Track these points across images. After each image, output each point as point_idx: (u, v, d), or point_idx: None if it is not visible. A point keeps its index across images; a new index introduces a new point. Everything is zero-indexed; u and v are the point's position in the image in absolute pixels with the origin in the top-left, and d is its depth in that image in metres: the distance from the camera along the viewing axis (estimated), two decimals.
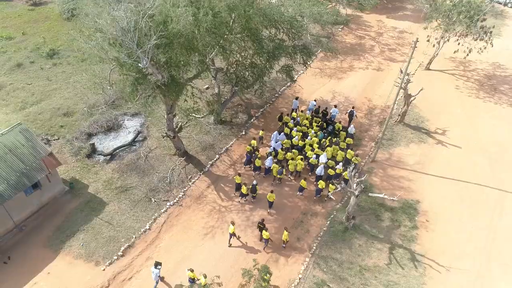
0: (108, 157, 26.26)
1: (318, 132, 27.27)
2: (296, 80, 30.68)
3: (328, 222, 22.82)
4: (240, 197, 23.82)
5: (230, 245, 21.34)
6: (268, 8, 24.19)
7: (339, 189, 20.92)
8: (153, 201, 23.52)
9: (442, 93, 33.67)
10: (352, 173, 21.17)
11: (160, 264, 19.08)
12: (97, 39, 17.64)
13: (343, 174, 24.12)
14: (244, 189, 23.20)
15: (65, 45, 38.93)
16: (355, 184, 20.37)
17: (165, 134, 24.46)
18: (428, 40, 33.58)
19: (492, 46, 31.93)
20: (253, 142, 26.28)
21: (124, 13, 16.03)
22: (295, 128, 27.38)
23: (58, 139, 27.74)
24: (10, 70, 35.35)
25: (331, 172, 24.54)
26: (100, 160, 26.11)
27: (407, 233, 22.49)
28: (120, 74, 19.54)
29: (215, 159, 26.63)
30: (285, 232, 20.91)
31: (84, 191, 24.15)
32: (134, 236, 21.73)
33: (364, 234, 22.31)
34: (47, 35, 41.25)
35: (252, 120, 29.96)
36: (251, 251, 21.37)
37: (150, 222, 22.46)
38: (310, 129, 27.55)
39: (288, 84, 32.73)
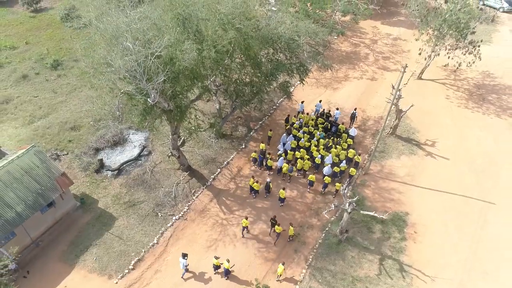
0: (116, 172, 27.76)
1: (321, 133, 29.77)
2: (293, 95, 31.98)
3: (323, 235, 24.55)
4: (253, 194, 26.38)
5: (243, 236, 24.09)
6: (266, 31, 25.41)
7: (332, 207, 22.58)
8: (160, 215, 25.13)
9: (433, 103, 35.17)
10: (345, 191, 22.79)
11: (186, 255, 21.47)
12: (108, 75, 18.88)
13: (350, 171, 27.29)
14: (256, 186, 25.70)
15: (68, 55, 40.07)
16: (347, 204, 21.98)
17: (170, 154, 25.92)
18: (419, 54, 34.97)
19: (480, 59, 33.34)
20: (262, 145, 28.44)
21: (135, 57, 17.34)
22: (301, 131, 29.80)
23: (67, 154, 29.17)
24: (16, 82, 36.49)
25: (336, 169, 27.18)
26: (108, 175, 27.62)
27: (396, 244, 24.26)
28: (129, 104, 20.90)
29: (217, 173, 28.20)
30: (291, 228, 23.46)
31: (94, 206, 25.73)
32: (143, 250, 23.38)
33: (357, 246, 24.06)
34: (49, 44, 42.26)
35: (251, 133, 31.43)
36: (252, 264, 23.08)
37: (157, 236, 24.11)
38: (316, 130, 29.99)
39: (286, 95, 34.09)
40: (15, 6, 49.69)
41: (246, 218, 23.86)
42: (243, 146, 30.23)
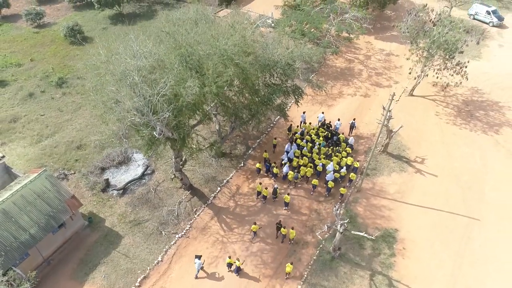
0: (121, 191, 29.25)
1: (322, 141, 32.23)
2: (289, 116, 33.50)
3: (318, 252, 26.12)
4: (262, 199, 28.65)
5: (251, 240, 26.37)
6: (263, 59, 26.94)
7: (325, 228, 24.16)
8: (164, 234, 26.65)
9: (423, 120, 36.78)
10: (338, 211, 24.37)
11: (200, 256, 23.83)
12: (118, 111, 20.32)
13: (350, 176, 30.02)
14: (265, 192, 28.06)
15: (72, 73, 41.49)
16: (339, 225, 23.57)
17: (173, 176, 27.44)
18: (410, 73, 36.59)
19: (467, 79, 34.98)
20: (265, 154, 31.00)
21: (142, 97, 18.84)
22: (305, 140, 32.17)
23: (74, 173, 30.65)
24: (23, 100, 37.93)
25: (337, 175, 29.49)
26: (114, 194, 29.12)
27: (386, 260, 25.85)
28: (136, 135, 22.40)
29: (217, 191, 29.73)
30: (292, 231, 25.63)
31: (101, 224, 27.23)
32: (148, 268, 24.91)
33: (349, 262, 25.66)
34: (54, 60, 43.70)
35: (250, 151, 32.97)
36: (252, 281, 24.64)
37: (162, 254, 25.63)
38: (318, 139, 32.32)
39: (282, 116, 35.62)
40: (18, 21, 51.16)
41: (255, 223, 26.04)
42: (242, 164, 31.76)
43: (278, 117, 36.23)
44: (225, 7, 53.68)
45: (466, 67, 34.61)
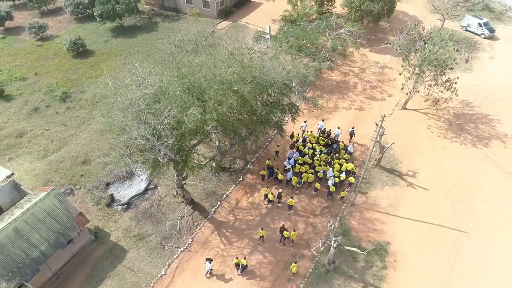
0: (125, 205, 30.52)
1: (322, 148, 34.40)
2: (285, 132, 34.77)
3: (313, 265, 27.47)
4: (268, 203, 30.70)
5: (258, 243, 28.40)
6: (261, 80, 28.26)
7: (320, 244, 25.50)
8: (167, 248, 27.94)
9: (415, 133, 38.16)
10: (332, 226, 25.72)
11: (211, 260, 25.87)
12: (124, 138, 21.58)
13: (349, 179, 32.27)
14: (271, 197, 30.17)
15: (76, 87, 42.71)
16: (333, 240, 24.92)
17: (176, 193, 28.74)
18: (402, 88, 38.00)
19: (457, 95, 36.39)
20: (268, 162, 32.90)
21: (148, 125, 20.14)
22: (307, 147, 34.28)
23: (80, 188, 31.89)
24: (28, 115, 39.14)
25: (336, 180, 31.54)
26: (118, 209, 30.38)
27: (378, 272, 27.22)
28: (141, 159, 23.72)
29: (217, 205, 31.03)
30: (294, 233, 27.77)
31: (107, 239, 28.50)
32: (152, 281, 26.20)
33: (343, 274, 27.01)
34: (57, 74, 44.88)
35: (248, 166, 34.30)
36: None
37: (165, 268, 26.93)
38: (319, 146, 34.49)
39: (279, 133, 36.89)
40: (21, 34, 52.29)
41: (262, 229, 27.88)
42: (241, 179, 33.07)
43: (276, 131, 37.49)
44: (224, 20, 54.95)
45: (455, 83, 35.98)
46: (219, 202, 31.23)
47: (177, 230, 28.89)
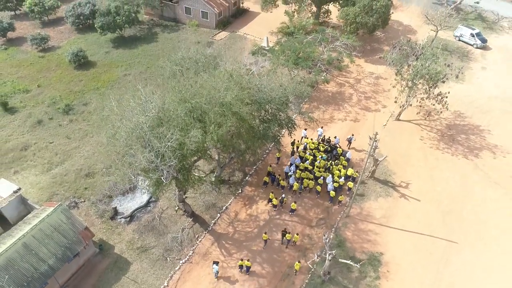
0: (128, 218, 31.64)
1: (323, 155, 36.20)
2: (282, 145, 35.95)
3: (309, 275, 28.68)
4: (273, 207, 32.38)
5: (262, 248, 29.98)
6: (259, 98, 29.43)
7: (315, 258, 26.72)
8: (169, 260, 29.09)
9: (408, 144, 39.40)
10: (327, 240, 26.92)
11: (218, 262, 27.52)
12: (128, 160, 22.72)
13: (348, 184, 34.37)
14: (275, 201, 31.86)
15: (78, 99, 43.76)
16: (328, 254, 26.13)
17: (177, 208, 29.89)
18: (395, 101, 39.26)
19: (448, 109, 37.69)
20: (270, 168, 34.68)
21: (152, 150, 21.29)
22: (308, 152, 36.32)
23: (84, 201, 32.98)
24: (32, 128, 40.17)
25: (336, 184, 33.44)
26: (122, 222, 31.49)
27: (371, 283, 28.45)
28: (146, 177, 24.87)
29: (217, 217, 32.19)
30: (296, 236, 29.58)
31: (111, 251, 29.62)
32: None
33: (338, 284, 28.23)
34: (60, 86, 45.91)
35: (247, 178, 35.47)
36: None
37: (167, 279, 28.08)
38: (319, 152, 36.29)
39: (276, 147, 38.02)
40: (24, 45, 53.27)
41: (265, 233, 29.55)
42: (240, 191, 34.24)
43: (273, 143, 38.66)
44: (222, 30, 56.07)
45: (446, 97, 37.24)
46: (218, 214, 32.39)
47: (178, 242, 30.02)
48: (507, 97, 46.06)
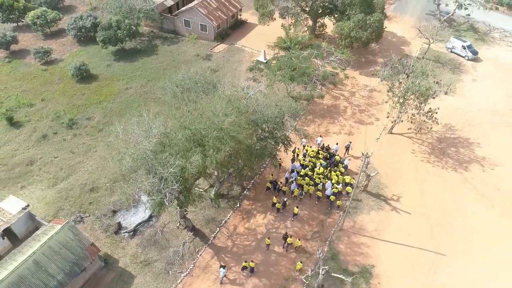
0: (132, 232, 33.11)
1: (322, 162, 38.34)
2: (280, 159, 37.43)
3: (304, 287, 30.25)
4: (276, 212, 34.76)
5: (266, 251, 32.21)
6: (257, 118, 30.94)
7: (309, 273, 28.25)
8: (171, 273, 30.58)
9: (400, 158, 40.94)
10: (320, 255, 28.47)
11: (225, 266, 29.44)
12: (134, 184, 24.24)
13: (346, 189, 36.80)
14: (278, 205, 34.25)
15: (81, 113, 45.15)
16: (321, 269, 27.68)
17: (179, 224, 31.39)
18: (387, 117, 40.83)
19: (438, 124, 39.24)
20: (271, 177, 36.73)
21: (158, 181, 22.85)
22: (307, 159, 38.46)
23: (89, 216, 34.43)
24: (37, 142, 41.55)
25: (335, 190, 35.59)
26: (125, 236, 32.96)
27: None
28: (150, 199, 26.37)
29: (216, 231, 33.69)
30: (298, 241, 31.58)
31: (115, 265, 31.09)
32: None
33: None
34: (63, 100, 47.24)
35: (245, 192, 36.97)
36: None
37: None
38: (318, 160, 38.47)
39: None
40: (27, 58, 54.59)
41: (268, 238, 31.84)
42: (238, 205, 35.75)
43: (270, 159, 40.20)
44: (221, 42, 57.48)
45: (436, 113, 38.80)
46: (218, 228, 33.89)
47: (180, 256, 31.52)
48: (497, 109, 47.66)
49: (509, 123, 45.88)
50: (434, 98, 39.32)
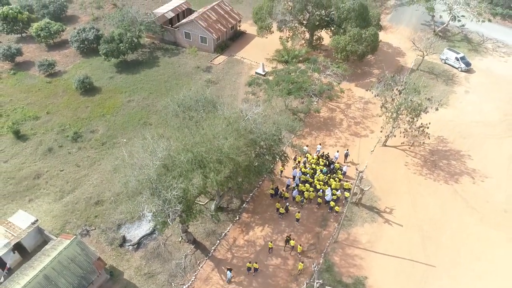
0: (136, 245, 34.65)
1: (323, 168, 40.63)
2: (276, 175, 38.92)
3: None
4: (279, 215, 37.04)
5: (270, 252, 34.30)
6: (255, 136, 32.46)
7: (305, 285, 29.82)
8: (173, 285, 32.14)
9: (393, 171, 42.48)
10: (316, 268, 30.06)
11: (231, 269, 31.51)
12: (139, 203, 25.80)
13: (345, 194, 39.08)
14: (282, 210, 36.56)
15: (86, 126, 46.61)
16: (316, 282, 29.27)
17: (181, 238, 32.96)
18: (381, 131, 42.38)
19: (429, 138, 40.79)
20: (272, 186, 38.55)
21: (162, 202, 24.39)
22: (308, 167, 40.42)
23: (95, 229, 35.96)
24: (43, 155, 43.01)
25: (334, 197, 37.87)
26: (130, 249, 34.50)
27: None
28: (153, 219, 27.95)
29: (216, 244, 35.24)
30: (300, 247, 33.54)
31: (121, 277, 32.64)
32: None
33: None
34: (67, 113, 48.68)
35: (244, 205, 38.53)
36: None
37: None
38: (318, 166, 40.63)
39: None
40: (31, 69, 55.99)
41: (271, 242, 34.04)
42: (237, 218, 37.30)
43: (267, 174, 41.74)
44: (220, 54, 58.94)
45: (427, 127, 40.35)
46: (218, 241, 35.44)
47: (182, 268, 33.07)
48: (488, 121, 49.18)
49: (500, 135, 47.41)
50: (426, 113, 40.83)
